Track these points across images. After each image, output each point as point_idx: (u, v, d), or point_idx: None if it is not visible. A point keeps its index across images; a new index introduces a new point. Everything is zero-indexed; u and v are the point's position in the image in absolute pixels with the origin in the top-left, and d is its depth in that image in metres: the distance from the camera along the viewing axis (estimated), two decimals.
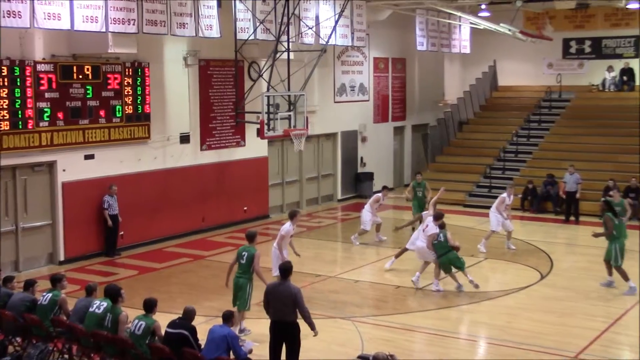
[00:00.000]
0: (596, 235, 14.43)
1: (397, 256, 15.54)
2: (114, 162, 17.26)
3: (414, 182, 18.98)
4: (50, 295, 10.36)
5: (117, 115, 17.01)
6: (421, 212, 16.26)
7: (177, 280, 15.19)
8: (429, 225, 14.18)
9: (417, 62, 27.90)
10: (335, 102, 24.14)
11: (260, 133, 18.81)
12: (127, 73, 17.16)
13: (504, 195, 17.45)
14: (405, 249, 15.28)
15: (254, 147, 20.95)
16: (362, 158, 25.45)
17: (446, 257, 13.98)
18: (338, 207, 23.76)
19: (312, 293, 13.90)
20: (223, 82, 19.83)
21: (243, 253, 11.51)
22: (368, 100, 25.72)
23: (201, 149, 19.47)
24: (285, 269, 9.51)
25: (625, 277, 14.19)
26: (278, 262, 12.54)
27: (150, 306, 9.41)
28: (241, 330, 11.52)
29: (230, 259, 12.11)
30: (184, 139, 18.98)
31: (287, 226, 13.20)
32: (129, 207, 17.43)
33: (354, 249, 17.81)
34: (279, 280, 9.57)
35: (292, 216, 13.32)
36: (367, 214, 17.78)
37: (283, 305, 9.31)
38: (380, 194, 17.91)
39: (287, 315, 9.34)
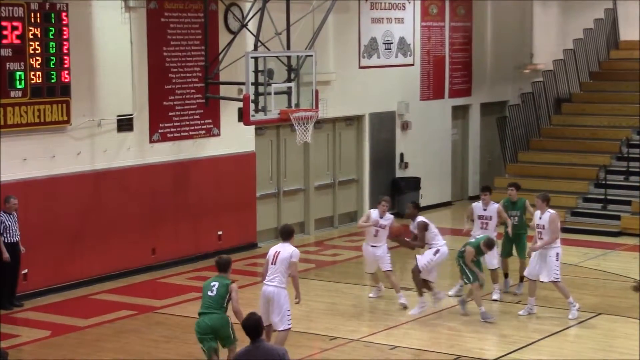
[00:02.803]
0: None
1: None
2: (13, 160, 17.28)
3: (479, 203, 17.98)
4: None
5: (18, 86, 17.02)
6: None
7: (113, 346, 15.14)
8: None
9: (490, 5, 27.93)
10: (360, 67, 24.24)
11: (243, 116, 18.83)
12: (33, 20, 17.15)
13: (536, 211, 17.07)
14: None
15: (233, 138, 21.02)
16: (402, 155, 25.53)
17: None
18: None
19: None
20: (185, 36, 19.89)
21: (212, 284, 11.98)
22: (412, 65, 25.80)
23: (151, 141, 19.56)
24: (253, 326, 9.40)
25: None
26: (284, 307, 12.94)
27: None
28: None
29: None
30: (125, 124, 19.04)
31: (290, 247, 13.32)
32: (36, 231, 17.42)
33: (391, 296, 17.60)
34: (252, 344, 9.44)
35: (289, 234, 13.51)
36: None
37: None
38: (478, 204, 17.62)
39: None
